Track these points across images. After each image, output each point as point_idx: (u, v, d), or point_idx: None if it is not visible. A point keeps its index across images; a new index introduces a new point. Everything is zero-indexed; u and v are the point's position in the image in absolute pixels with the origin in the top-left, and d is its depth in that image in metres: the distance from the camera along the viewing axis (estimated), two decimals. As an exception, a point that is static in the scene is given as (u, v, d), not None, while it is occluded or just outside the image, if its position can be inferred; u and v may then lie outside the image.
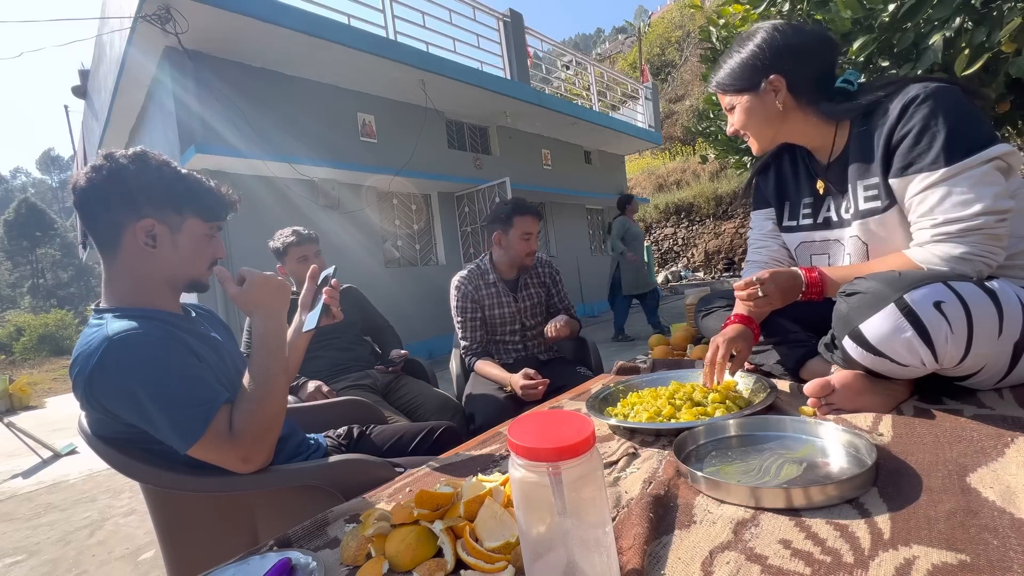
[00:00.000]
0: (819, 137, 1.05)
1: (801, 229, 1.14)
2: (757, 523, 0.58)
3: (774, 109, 1.02)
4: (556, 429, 0.45)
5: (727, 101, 1.09)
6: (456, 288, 1.96)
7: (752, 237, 1.30)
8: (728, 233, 14.62)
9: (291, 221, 5.57)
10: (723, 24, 3.07)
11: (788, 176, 1.17)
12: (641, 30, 27.42)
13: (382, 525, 0.61)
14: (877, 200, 0.96)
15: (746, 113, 1.05)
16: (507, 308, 1.96)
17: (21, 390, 8.37)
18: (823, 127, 1.03)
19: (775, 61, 1.00)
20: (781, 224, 1.20)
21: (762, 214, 1.27)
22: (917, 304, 0.73)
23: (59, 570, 2.08)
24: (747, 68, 1.02)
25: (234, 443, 0.87)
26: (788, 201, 1.18)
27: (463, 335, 1.94)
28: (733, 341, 1.02)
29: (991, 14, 1.72)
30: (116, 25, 5.04)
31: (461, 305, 1.93)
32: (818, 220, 1.10)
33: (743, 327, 1.06)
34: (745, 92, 1.04)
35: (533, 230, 1.90)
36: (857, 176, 0.99)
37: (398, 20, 6.11)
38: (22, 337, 19.14)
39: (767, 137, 1.08)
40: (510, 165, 8.11)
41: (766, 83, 1.00)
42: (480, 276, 1.97)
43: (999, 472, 0.61)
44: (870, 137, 0.95)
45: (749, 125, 1.07)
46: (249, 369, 0.92)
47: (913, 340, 0.74)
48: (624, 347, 5.59)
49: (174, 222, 0.94)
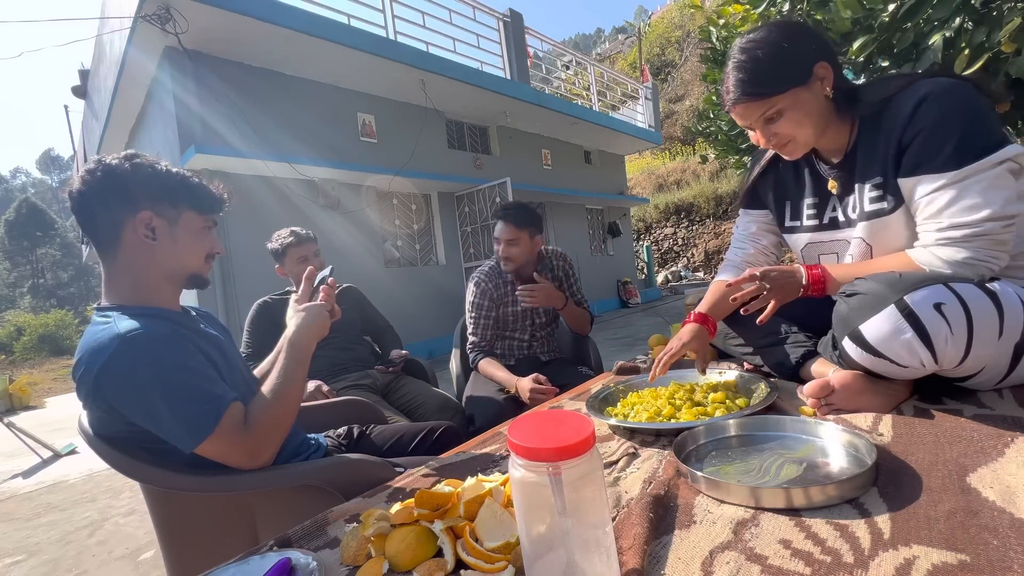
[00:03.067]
0: (842, 131, 0.99)
1: (806, 230, 1.12)
2: (757, 523, 0.58)
3: (823, 100, 0.93)
4: (556, 429, 0.45)
5: (765, 109, 0.94)
6: (476, 284, 1.95)
7: (734, 236, 1.30)
8: (728, 233, 14.62)
9: (291, 221, 5.57)
10: (723, 24, 3.07)
11: (788, 177, 1.16)
12: (641, 30, 27.43)
13: (382, 525, 0.61)
14: (883, 201, 0.94)
15: (800, 111, 0.93)
16: (520, 307, 1.96)
17: (21, 390, 8.37)
18: (846, 121, 0.98)
19: (817, 47, 0.92)
20: (783, 225, 1.19)
21: (750, 214, 1.26)
22: (917, 306, 0.73)
23: (59, 570, 2.08)
24: (792, 60, 0.92)
25: (245, 436, 0.88)
26: (788, 201, 1.16)
27: (473, 330, 1.94)
28: (687, 345, 1.09)
29: (991, 14, 1.72)
30: (116, 25, 5.04)
31: (478, 302, 1.93)
32: (824, 221, 1.09)
33: (697, 326, 1.12)
34: (793, 88, 0.92)
35: (499, 235, 1.87)
36: (863, 177, 0.97)
37: (398, 20, 6.11)
38: (22, 337, 19.12)
39: (815, 136, 0.97)
40: (510, 165, 8.11)
41: (814, 71, 0.92)
42: (499, 275, 1.97)
43: (999, 472, 0.61)
44: (878, 136, 0.93)
45: (804, 124, 0.94)
46: (274, 369, 0.99)
47: (913, 341, 0.74)
48: (624, 347, 5.59)
49: (171, 215, 0.95)
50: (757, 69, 0.93)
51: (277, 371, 0.98)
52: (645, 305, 10.48)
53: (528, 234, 1.87)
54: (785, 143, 0.98)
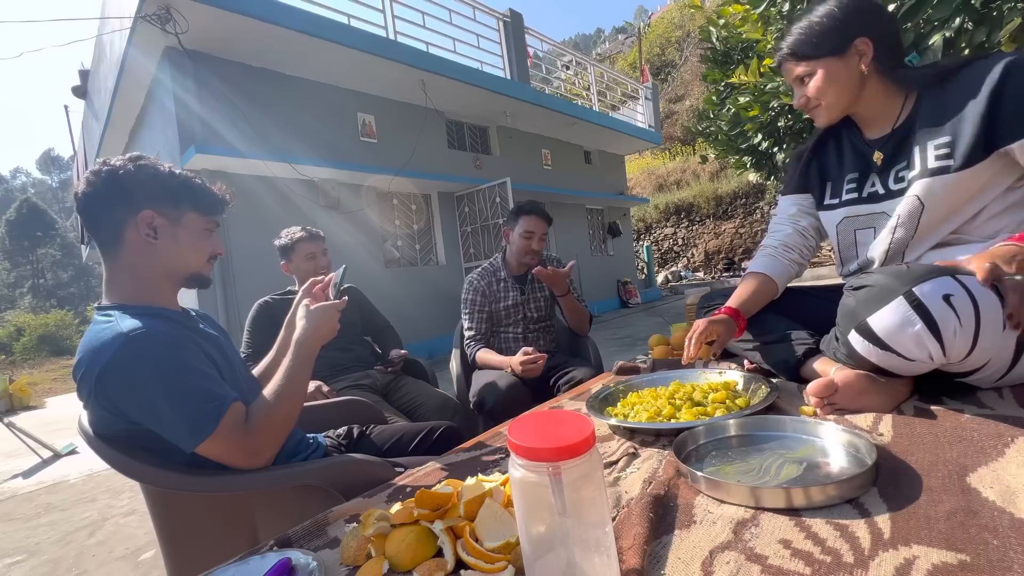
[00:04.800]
0: (889, 105, 1.02)
1: (844, 204, 1.12)
2: (757, 523, 0.58)
3: (857, 74, 0.99)
4: (556, 429, 0.45)
5: (801, 69, 1.03)
6: (468, 282, 2.06)
7: (772, 221, 1.30)
8: (728, 233, 14.62)
9: (291, 221, 5.56)
10: (723, 24, 3.07)
11: (831, 157, 1.16)
12: (641, 30, 27.42)
13: (382, 525, 0.61)
14: (949, 159, 0.93)
15: (827, 79, 1.00)
16: (511, 300, 2.02)
17: (21, 390, 8.36)
18: (895, 96, 1.01)
19: (863, 22, 0.97)
20: (822, 203, 1.18)
21: (789, 199, 1.26)
22: (926, 297, 0.73)
23: (59, 570, 2.08)
24: (833, 30, 0.98)
25: (246, 436, 0.89)
26: (830, 181, 1.17)
27: (468, 324, 2.02)
28: (714, 323, 1.06)
29: (991, 14, 1.71)
30: (116, 25, 5.04)
31: (471, 297, 2.02)
32: (863, 195, 1.08)
33: (728, 316, 1.10)
34: (827, 57, 0.99)
35: (536, 230, 1.96)
36: (927, 137, 0.96)
37: (398, 20, 6.11)
38: (22, 337, 19.13)
39: (842, 106, 1.04)
40: (510, 165, 8.11)
41: (853, 46, 0.97)
42: (492, 274, 2.06)
43: (999, 472, 0.61)
44: (945, 100, 0.93)
45: (828, 92, 1.02)
46: (279, 370, 1.00)
47: (922, 333, 0.73)
48: (624, 347, 5.59)
49: (173, 215, 0.96)
50: (805, 33, 1.01)
51: (281, 372, 0.98)
52: (645, 305, 10.48)
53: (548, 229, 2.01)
54: (813, 107, 1.06)
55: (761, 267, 1.22)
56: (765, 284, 1.19)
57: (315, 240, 1.99)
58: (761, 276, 1.20)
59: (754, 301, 1.16)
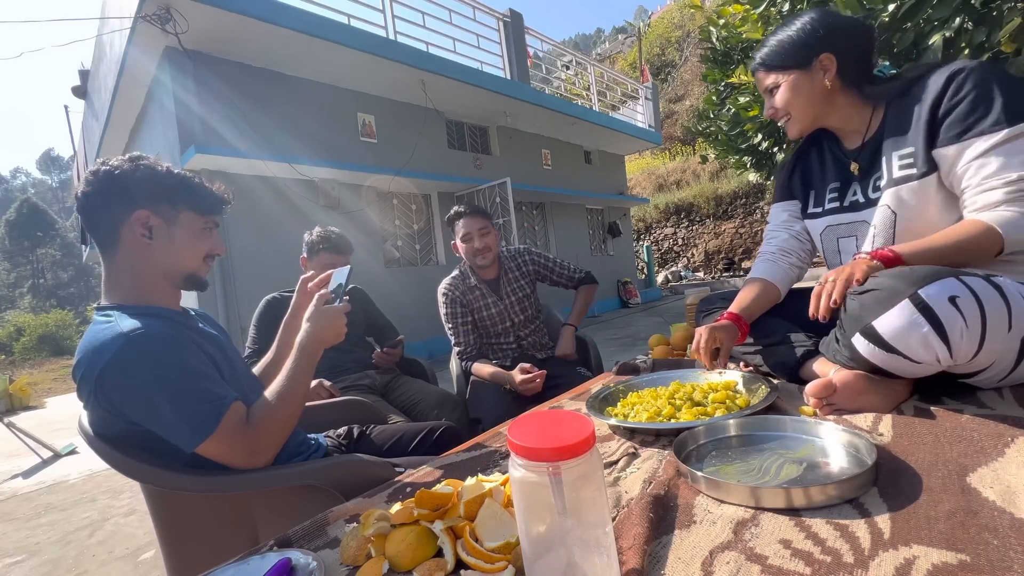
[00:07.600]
0: (857, 119, 1.06)
1: (827, 213, 1.15)
2: (757, 523, 0.57)
3: (821, 88, 1.03)
4: (556, 429, 0.45)
5: (771, 80, 1.08)
6: (443, 295, 1.98)
7: (767, 229, 1.32)
8: (728, 233, 14.62)
9: (291, 221, 5.58)
10: (723, 24, 3.06)
11: (814, 167, 1.19)
12: (641, 30, 27.42)
13: (382, 525, 0.61)
14: (912, 168, 0.96)
15: (793, 91, 1.05)
16: (493, 308, 1.98)
17: (21, 390, 8.36)
18: (862, 109, 1.05)
19: (828, 39, 1.01)
20: (805, 212, 1.21)
21: (779, 206, 1.28)
22: (932, 299, 0.73)
23: (59, 570, 2.08)
24: (799, 45, 1.03)
25: (247, 436, 0.89)
26: (813, 190, 1.20)
27: (456, 340, 1.95)
28: (716, 329, 1.08)
29: (991, 14, 1.71)
30: (116, 25, 5.04)
31: (451, 311, 1.95)
32: (844, 204, 1.11)
33: (730, 322, 1.12)
34: (794, 70, 1.04)
35: (470, 230, 1.90)
36: (892, 148, 1.00)
37: (398, 20, 6.11)
38: (22, 337, 19.12)
39: (809, 118, 1.08)
40: (510, 165, 8.11)
41: (817, 61, 1.01)
42: (462, 281, 2.00)
43: (999, 472, 0.61)
44: (907, 110, 0.97)
45: (794, 104, 1.07)
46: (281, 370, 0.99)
47: (929, 336, 0.73)
48: (624, 347, 5.59)
49: (169, 215, 0.96)
50: (774, 42, 1.06)
51: (284, 372, 0.98)
52: (645, 305, 10.48)
53: (491, 223, 1.95)
54: (782, 117, 1.11)
55: (761, 273, 1.23)
56: (766, 289, 1.20)
57: (341, 253, 1.94)
58: (762, 281, 1.21)
59: (756, 306, 1.18)
